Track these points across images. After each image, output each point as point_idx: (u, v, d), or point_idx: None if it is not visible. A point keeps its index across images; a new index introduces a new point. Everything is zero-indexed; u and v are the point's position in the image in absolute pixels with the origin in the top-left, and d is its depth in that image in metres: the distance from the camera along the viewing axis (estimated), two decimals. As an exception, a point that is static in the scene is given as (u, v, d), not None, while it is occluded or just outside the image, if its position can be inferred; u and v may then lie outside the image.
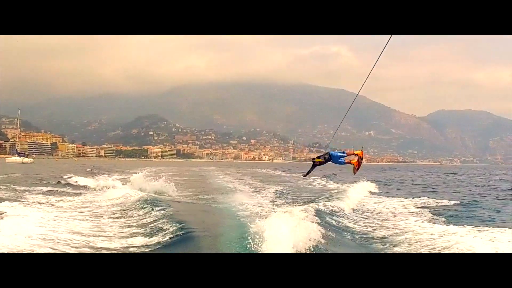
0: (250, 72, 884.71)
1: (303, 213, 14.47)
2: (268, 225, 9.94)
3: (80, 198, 23.22)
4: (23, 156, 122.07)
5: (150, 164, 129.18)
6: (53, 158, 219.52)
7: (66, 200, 21.99)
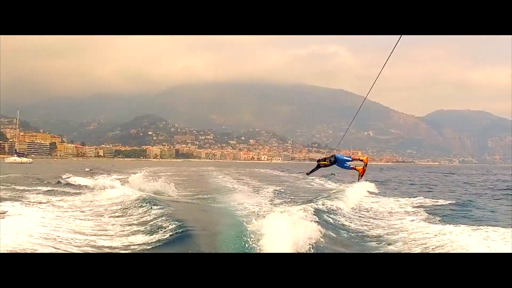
0: (249, 72, 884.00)
1: (301, 212, 14.71)
2: (265, 224, 10.02)
3: (80, 197, 23.33)
4: (22, 156, 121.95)
5: (149, 164, 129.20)
6: (52, 158, 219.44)
7: (66, 199, 22.08)
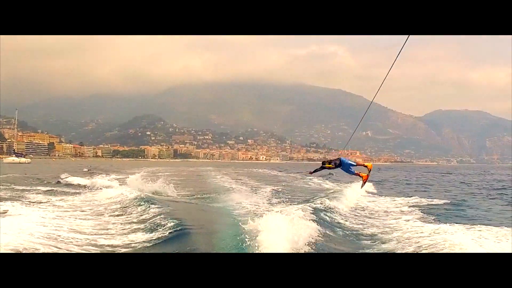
0: (247, 72, 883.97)
1: (298, 211, 14.95)
2: (263, 223, 10.24)
3: (79, 197, 23.52)
4: (21, 156, 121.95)
5: (147, 164, 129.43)
6: (50, 158, 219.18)
7: (66, 199, 22.29)
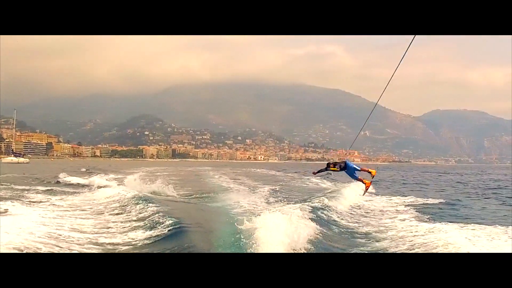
0: (245, 72, 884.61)
1: (295, 210, 15.16)
2: (260, 221, 10.43)
3: (79, 197, 23.67)
4: (19, 156, 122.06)
5: (146, 164, 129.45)
6: (48, 158, 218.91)
7: (66, 199, 22.47)
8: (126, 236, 12.58)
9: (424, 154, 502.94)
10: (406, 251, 11.25)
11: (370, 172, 14.17)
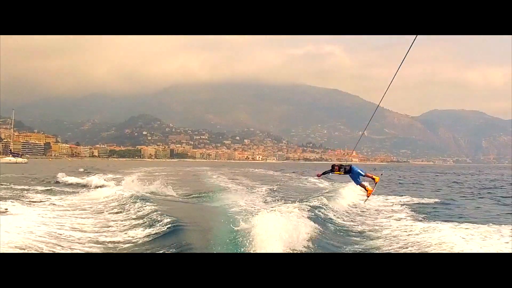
0: (244, 72, 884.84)
1: (293, 210, 15.35)
2: (258, 220, 10.53)
3: (78, 196, 23.76)
4: (17, 156, 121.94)
5: (144, 164, 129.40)
6: (46, 158, 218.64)
7: (65, 198, 22.63)
8: (126, 234, 12.76)
9: (422, 154, 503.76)
10: (400, 250, 11.38)
11: (373, 178, 14.25)
